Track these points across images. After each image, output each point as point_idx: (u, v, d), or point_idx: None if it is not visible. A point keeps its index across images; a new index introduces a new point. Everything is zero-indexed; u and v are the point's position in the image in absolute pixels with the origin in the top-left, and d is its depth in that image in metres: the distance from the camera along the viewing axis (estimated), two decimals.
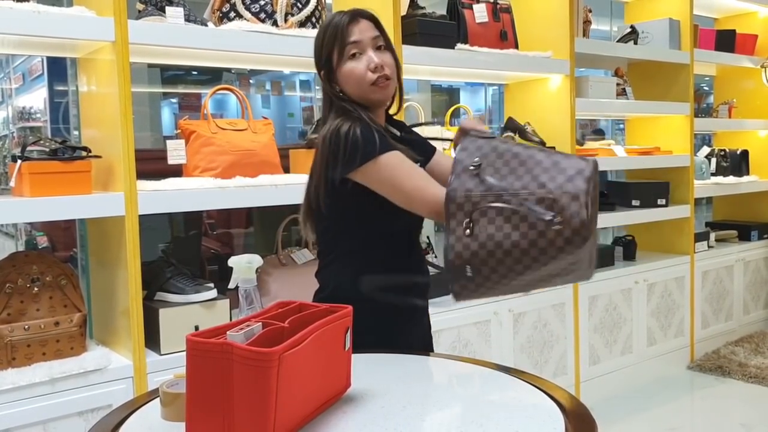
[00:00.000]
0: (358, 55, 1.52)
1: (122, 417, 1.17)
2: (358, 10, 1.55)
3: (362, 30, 1.52)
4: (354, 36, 1.51)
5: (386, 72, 1.52)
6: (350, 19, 1.52)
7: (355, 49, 1.51)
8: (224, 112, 4.84)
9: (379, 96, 1.54)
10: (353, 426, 1.08)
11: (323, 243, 1.63)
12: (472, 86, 6.93)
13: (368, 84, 1.51)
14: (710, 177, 4.23)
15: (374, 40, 1.53)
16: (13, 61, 4.33)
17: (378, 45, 1.53)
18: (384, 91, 1.54)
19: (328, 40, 1.54)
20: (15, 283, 1.90)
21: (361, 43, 1.51)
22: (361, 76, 1.51)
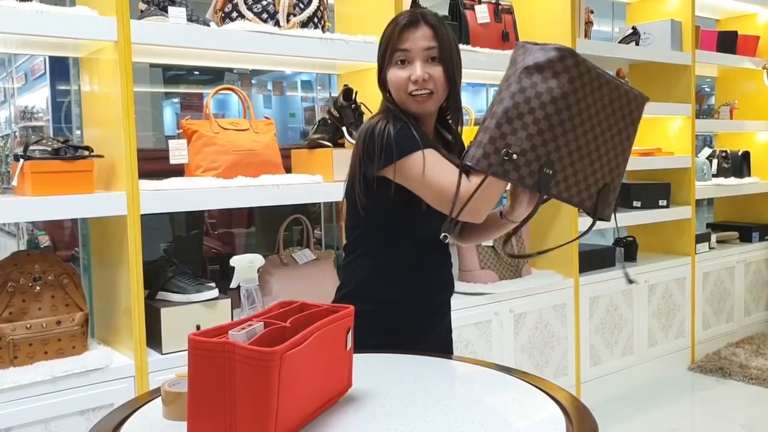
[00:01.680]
0: (406, 63, 1.48)
1: (124, 416, 1.17)
2: (423, 12, 1.50)
3: (417, 38, 1.47)
4: (405, 43, 1.47)
5: (428, 86, 1.48)
6: (408, 23, 1.47)
7: (403, 56, 1.48)
8: (226, 112, 4.85)
9: (415, 109, 1.50)
10: (354, 426, 1.08)
11: (351, 238, 1.61)
12: (473, 87, 6.93)
13: (406, 94, 1.49)
14: (711, 178, 4.23)
15: (427, 51, 1.47)
16: (15, 61, 4.33)
17: (430, 56, 1.48)
18: (421, 105, 1.49)
19: (384, 39, 1.51)
20: (17, 282, 1.91)
21: (411, 52, 1.47)
22: (401, 85, 1.49)
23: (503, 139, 1.31)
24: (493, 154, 1.31)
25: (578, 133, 1.36)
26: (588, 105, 1.36)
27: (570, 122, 1.34)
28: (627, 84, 1.33)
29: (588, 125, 1.37)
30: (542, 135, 1.32)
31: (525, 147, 1.31)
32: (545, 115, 1.31)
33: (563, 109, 1.32)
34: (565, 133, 1.34)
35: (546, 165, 1.32)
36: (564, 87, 1.32)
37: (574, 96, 1.33)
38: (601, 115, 1.40)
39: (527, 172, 1.32)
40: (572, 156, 1.36)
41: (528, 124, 1.31)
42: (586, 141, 1.38)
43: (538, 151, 1.32)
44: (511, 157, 1.30)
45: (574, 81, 1.33)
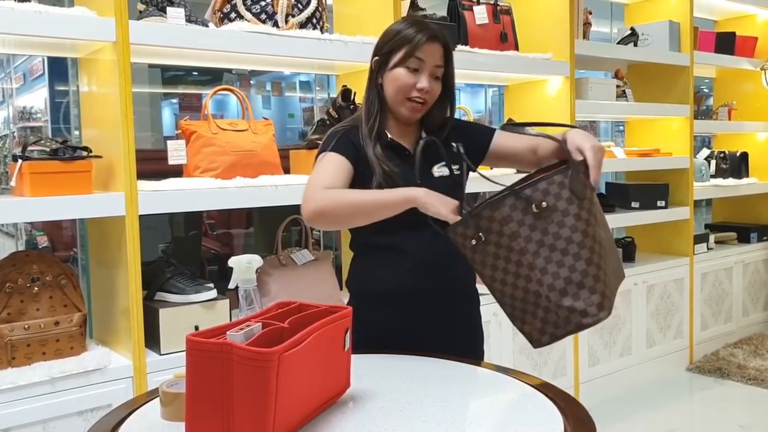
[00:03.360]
0: (416, 71, 1.58)
1: (122, 417, 1.17)
2: (442, 32, 1.61)
3: (433, 54, 1.58)
4: (423, 55, 1.57)
5: (426, 98, 1.59)
6: (429, 38, 1.57)
7: (416, 64, 1.57)
8: (225, 112, 4.85)
9: (405, 113, 1.61)
10: (352, 426, 1.08)
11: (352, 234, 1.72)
12: (472, 87, 6.93)
13: (404, 97, 1.59)
14: (710, 179, 4.23)
15: (436, 68, 1.59)
16: (14, 61, 4.33)
17: (436, 74, 1.60)
18: (412, 112, 1.60)
19: (401, 40, 1.58)
20: (15, 282, 1.91)
21: (425, 64, 1.58)
22: (404, 87, 1.58)
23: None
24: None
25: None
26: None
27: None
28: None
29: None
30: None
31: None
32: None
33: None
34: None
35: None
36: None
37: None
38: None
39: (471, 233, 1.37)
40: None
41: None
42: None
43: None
44: (475, 249, 1.36)
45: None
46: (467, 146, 1.63)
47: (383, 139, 1.62)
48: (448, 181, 1.60)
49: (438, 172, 1.63)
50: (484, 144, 1.71)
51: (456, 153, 1.57)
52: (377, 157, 1.57)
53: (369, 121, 1.63)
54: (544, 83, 3.29)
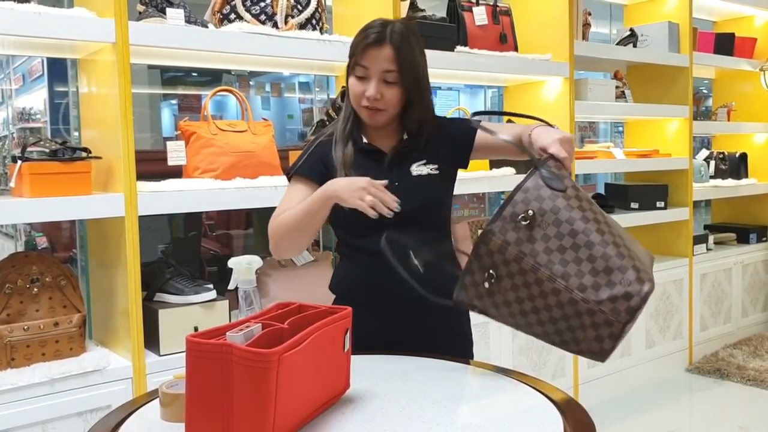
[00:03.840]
0: (364, 78, 1.53)
1: (121, 418, 1.17)
2: (392, 30, 1.51)
3: (378, 58, 1.50)
4: (366, 61, 1.52)
5: (378, 106, 1.53)
6: (373, 42, 1.51)
7: (362, 72, 1.53)
8: (224, 113, 4.85)
9: (366, 120, 1.57)
10: (352, 427, 1.08)
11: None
12: (471, 88, 6.93)
13: (359, 105, 1.55)
14: (709, 180, 4.23)
15: (384, 73, 1.51)
16: (13, 62, 4.33)
17: (387, 79, 1.52)
18: (370, 119, 1.56)
19: (353, 45, 1.56)
20: (14, 283, 1.91)
21: (370, 70, 1.52)
22: (355, 96, 1.55)
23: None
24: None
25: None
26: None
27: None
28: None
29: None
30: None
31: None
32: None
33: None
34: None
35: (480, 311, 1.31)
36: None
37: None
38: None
39: (478, 305, 1.31)
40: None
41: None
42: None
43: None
44: (490, 287, 1.28)
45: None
46: (453, 143, 1.64)
47: (357, 143, 1.60)
48: (427, 180, 1.58)
49: (416, 171, 1.59)
50: (470, 139, 1.65)
51: (437, 152, 1.57)
52: (343, 163, 1.55)
53: (343, 125, 1.62)
54: (544, 84, 3.30)
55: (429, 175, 1.58)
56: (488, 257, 1.24)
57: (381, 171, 1.55)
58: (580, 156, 3.41)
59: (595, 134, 6.62)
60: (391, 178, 1.49)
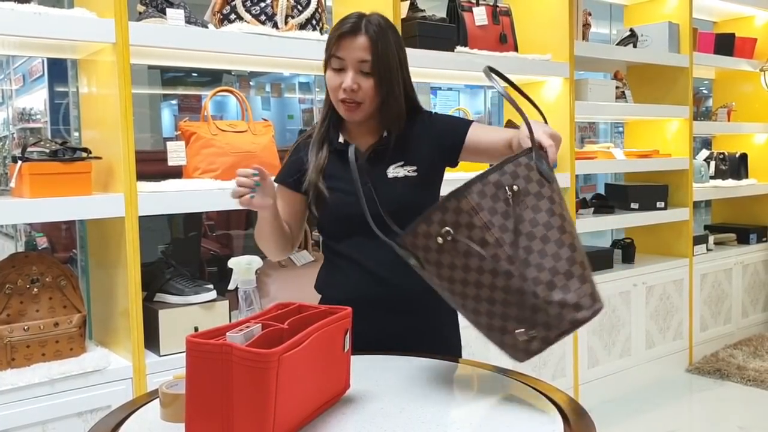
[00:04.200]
0: (340, 70, 1.50)
1: (121, 418, 1.17)
2: (367, 21, 1.49)
3: (353, 48, 1.48)
4: (341, 52, 1.49)
5: (356, 98, 1.50)
6: (348, 32, 1.48)
7: (338, 64, 1.50)
8: (224, 113, 4.85)
9: (344, 115, 1.54)
10: (352, 427, 1.08)
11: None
12: (471, 89, 6.94)
13: (336, 99, 1.53)
14: (709, 180, 4.23)
15: (360, 63, 1.48)
16: (13, 62, 4.33)
17: (363, 69, 1.49)
18: (348, 113, 1.53)
19: (329, 38, 1.53)
20: (15, 283, 1.91)
21: (345, 61, 1.49)
22: (332, 90, 1.53)
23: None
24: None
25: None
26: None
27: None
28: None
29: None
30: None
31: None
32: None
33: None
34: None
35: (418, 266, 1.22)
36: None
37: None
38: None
39: (420, 255, 1.21)
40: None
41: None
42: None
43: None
44: (444, 244, 1.18)
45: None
46: (440, 141, 1.59)
47: (333, 143, 1.59)
48: (404, 182, 1.54)
49: (393, 173, 1.55)
50: (459, 137, 1.59)
51: (418, 151, 1.54)
52: (315, 167, 1.56)
53: (320, 125, 1.61)
54: (544, 84, 3.30)
55: (406, 177, 1.55)
56: (454, 214, 1.15)
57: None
58: (580, 156, 3.41)
59: (595, 134, 6.62)
60: (366, 180, 1.46)
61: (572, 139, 3.24)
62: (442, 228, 1.15)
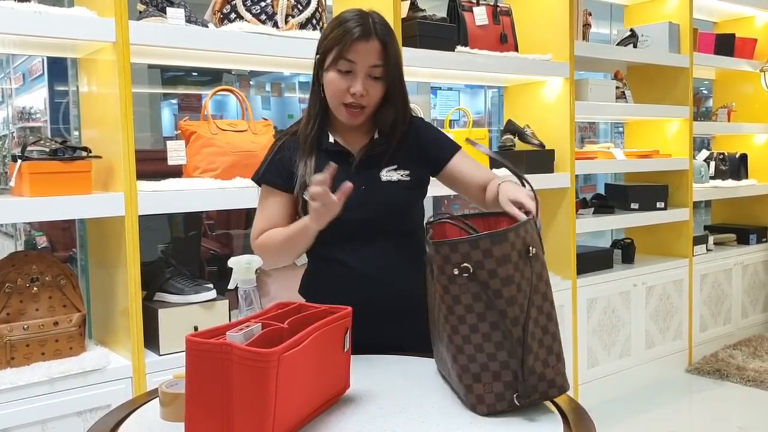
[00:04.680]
0: (348, 74, 1.46)
1: (121, 417, 1.17)
2: (377, 26, 1.46)
3: (366, 52, 1.44)
4: (353, 56, 1.45)
5: (362, 103, 1.47)
6: (360, 36, 1.44)
7: (348, 67, 1.46)
8: (224, 113, 4.85)
9: (344, 119, 1.51)
10: (352, 427, 1.08)
11: None
12: (471, 89, 6.93)
13: (340, 103, 1.49)
14: (709, 180, 4.23)
15: (372, 68, 1.46)
16: (13, 61, 4.33)
17: (373, 74, 1.47)
18: (351, 118, 1.50)
19: (334, 38, 1.47)
20: (14, 282, 1.90)
21: (357, 65, 1.45)
22: (338, 93, 1.48)
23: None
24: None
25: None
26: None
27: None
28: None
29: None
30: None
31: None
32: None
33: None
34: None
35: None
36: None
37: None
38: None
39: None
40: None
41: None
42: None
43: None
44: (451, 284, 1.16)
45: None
46: (427, 151, 1.57)
47: (323, 144, 1.54)
48: (396, 186, 1.52)
49: (386, 177, 1.52)
50: (444, 157, 1.58)
51: (410, 155, 1.50)
52: (305, 173, 1.50)
53: (307, 125, 1.55)
54: (544, 84, 3.30)
55: (399, 181, 1.52)
56: (482, 254, 1.11)
57: (348, 174, 1.46)
58: (581, 156, 3.41)
59: (596, 134, 6.62)
60: (359, 182, 1.43)
61: (572, 139, 3.24)
62: (464, 262, 1.12)
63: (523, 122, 3.27)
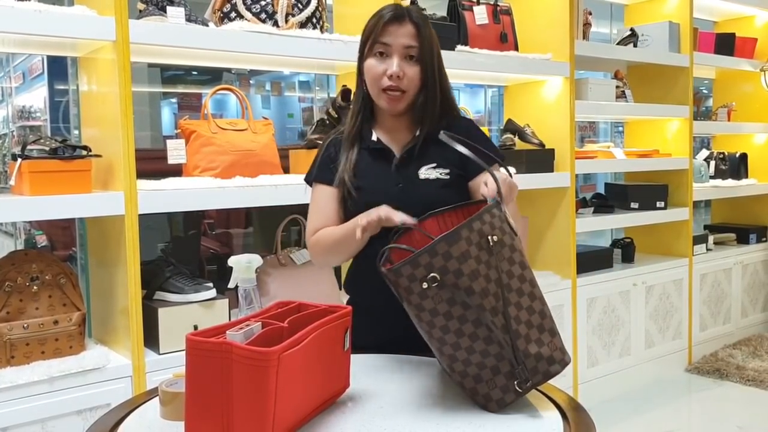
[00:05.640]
0: (384, 56, 1.48)
1: (121, 416, 1.17)
2: (409, 9, 1.49)
3: (399, 34, 1.47)
4: (386, 37, 1.47)
5: (401, 84, 1.47)
6: (393, 18, 1.47)
7: (383, 50, 1.48)
8: (224, 112, 4.85)
9: (385, 105, 1.51)
10: (351, 426, 1.08)
11: None
12: (471, 88, 6.93)
13: (379, 89, 1.50)
14: (709, 180, 4.23)
15: (406, 48, 1.47)
16: (13, 60, 4.33)
17: (409, 55, 1.48)
18: (392, 102, 1.50)
19: (369, 27, 1.51)
20: (14, 281, 1.90)
21: (391, 47, 1.47)
22: (375, 78, 1.49)
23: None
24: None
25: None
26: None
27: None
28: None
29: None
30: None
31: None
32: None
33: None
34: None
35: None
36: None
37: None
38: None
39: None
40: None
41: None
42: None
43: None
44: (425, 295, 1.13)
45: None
46: (463, 159, 1.49)
47: (365, 141, 1.56)
48: (434, 184, 1.51)
49: (424, 175, 1.52)
50: (470, 173, 1.53)
51: (451, 154, 1.44)
52: (345, 169, 1.51)
53: (350, 122, 1.57)
54: (544, 84, 3.30)
55: (438, 179, 1.51)
56: (443, 259, 1.10)
57: (388, 173, 1.52)
58: (580, 156, 3.41)
59: (595, 134, 6.62)
60: (397, 180, 1.47)
61: (572, 139, 3.24)
62: (429, 273, 1.10)
63: (523, 121, 3.27)
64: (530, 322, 1.15)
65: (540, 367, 1.15)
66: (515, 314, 1.14)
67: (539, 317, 1.17)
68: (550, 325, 1.17)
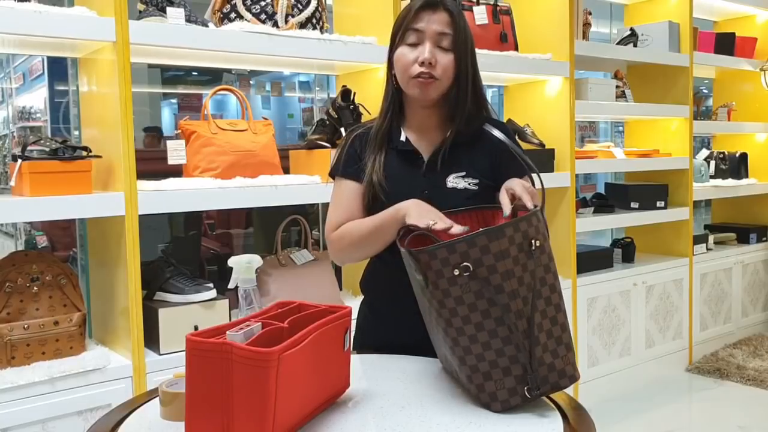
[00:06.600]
0: (416, 45, 1.42)
1: (121, 416, 1.17)
2: (446, 0, 1.44)
3: (432, 20, 1.41)
4: (419, 24, 1.42)
5: (433, 71, 1.41)
6: (426, 5, 1.42)
7: (415, 36, 1.42)
8: (224, 112, 4.85)
9: (415, 93, 1.44)
10: (352, 426, 1.08)
11: None
12: None
13: (410, 76, 1.43)
14: (709, 180, 4.23)
15: (440, 36, 1.41)
16: (13, 61, 4.33)
17: (441, 42, 1.42)
18: (424, 89, 1.43)
19: (401, 17, 1.45)
20: (15, 282, 1.91)
21: (424, 33, 1.41)
22: (406, 66, 1.43)
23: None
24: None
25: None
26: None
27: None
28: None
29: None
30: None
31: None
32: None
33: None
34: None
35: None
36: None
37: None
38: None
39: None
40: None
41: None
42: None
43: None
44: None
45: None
46: (495, 161, 1.46)
47: (394, 142, 1.50)
48: (462, 194, 1.45)
49: (452, 183, 1.46)
50: (500, 177, 1.43)
51: (482, 162, 1.42)
52: (373, 171, 1.46)
53: (380, 120, 1.52)
54: (544, 84, 3.30)
55: (466, 189, 1.45)
56: (480, 252, 1.10)
57: (415, 177, 1.46)
58: (581, 155, 3.41)
59: (596, 134, 6.62)
60: (423, 186, 1.43)
61: (572, 139, 3.24)
62: (463, 261, 1.11)
63: (523, 121, 3.27)
64: (551, 333, 1.15)
65: (551, 377, 1.15)
66: (539, 321, 1.14)
67: (560, 329, 1.17)
68: (567, 340, 1.17)
